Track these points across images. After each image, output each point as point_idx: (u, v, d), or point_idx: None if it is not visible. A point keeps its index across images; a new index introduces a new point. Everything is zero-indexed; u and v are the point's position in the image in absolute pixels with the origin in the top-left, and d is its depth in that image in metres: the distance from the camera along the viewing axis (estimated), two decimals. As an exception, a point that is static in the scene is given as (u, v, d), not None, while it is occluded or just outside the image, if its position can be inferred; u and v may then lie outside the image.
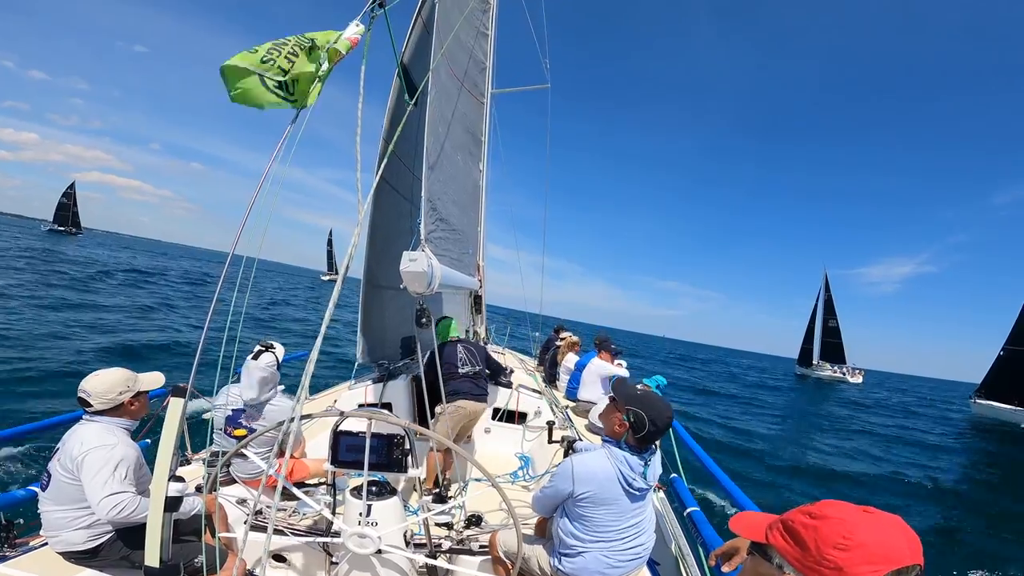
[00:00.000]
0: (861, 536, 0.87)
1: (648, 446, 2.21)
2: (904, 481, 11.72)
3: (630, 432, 2.16)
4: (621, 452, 2.16)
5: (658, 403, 2.18)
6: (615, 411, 2.25)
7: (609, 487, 2.13)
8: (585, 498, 2.12)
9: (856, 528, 0.88)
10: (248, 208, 1.71)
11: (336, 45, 1.66)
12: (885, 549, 0.86)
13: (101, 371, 2.37)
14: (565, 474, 2.17)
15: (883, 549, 0.86)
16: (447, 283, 3.24)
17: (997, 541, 8.27)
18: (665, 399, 2.24)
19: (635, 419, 2.14)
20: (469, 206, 5.41)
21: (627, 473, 2.12)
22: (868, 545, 0.86)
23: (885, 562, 0.84)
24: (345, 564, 2.15)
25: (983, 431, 25.08)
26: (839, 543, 0.87)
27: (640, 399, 2.18)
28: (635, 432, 2.15)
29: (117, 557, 2.26)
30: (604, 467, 2.14)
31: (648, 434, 2.14)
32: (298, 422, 1.73)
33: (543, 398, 5.29)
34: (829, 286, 53.67)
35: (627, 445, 2.18)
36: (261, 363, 3.20)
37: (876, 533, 0.88)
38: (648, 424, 2.12)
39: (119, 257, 47.20)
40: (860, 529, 0.88)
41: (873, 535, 0.87)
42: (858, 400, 33.53)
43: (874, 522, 0.90)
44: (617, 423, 2.21)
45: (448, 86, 4.62)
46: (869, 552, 0.85)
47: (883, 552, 0.85)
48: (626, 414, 2.17)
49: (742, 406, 22.05)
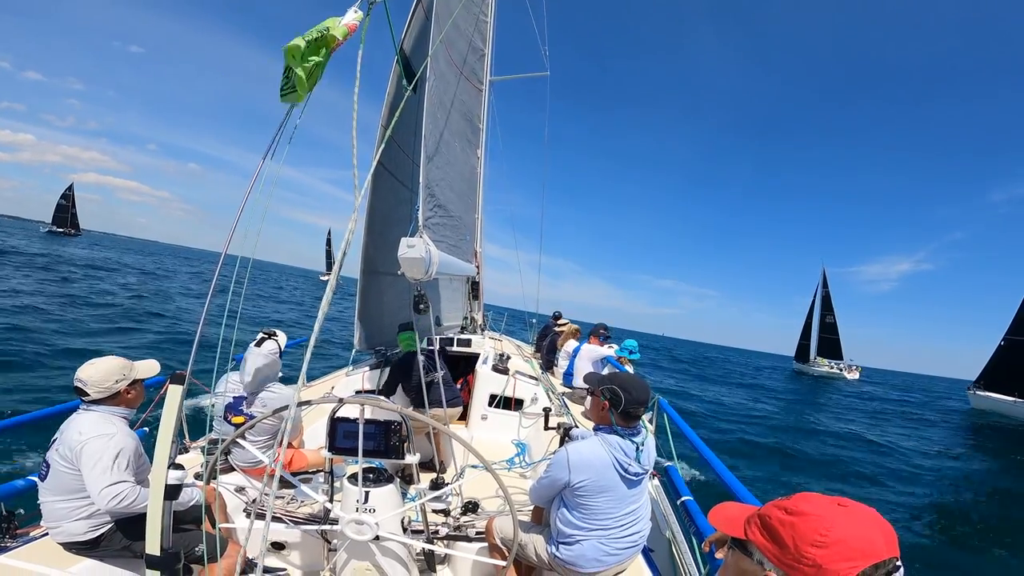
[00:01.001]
0: (838, 532, 0.87)
1: (636, 424, 2.26)
2: (894, 477, 11.67)
3: (613, 412, 2.21)
4: (614, 438, 2.19)
5: (628, 378, 2.28)
6: (596, 399, 2.32)
7: (605, 474, 2.15)
8: (582, 486, 2.14)
9: (833, 524, 0.88)
10: (242, 203, 1.69)
11: (334, 32, 1.63)
12: (862, 544, 0.86)
13: (97, 359, 2.35)
14: (561, 463, 2.18)
15: (860, 543, 0.86)
16: (445, 269, 3.24)
17: (997, 544, 8.19)
18: (632, 374, 2.32)
19: (611, 395, 2.20)
20: (467, 193, 5.40)
21: (621, 459, 2.15)
22: (846, 540, 0.87)
23: (863, 557, 0.85)
24: (343, 551, 2.18)
25: (980, 428, 24.29)
26: (816, 540, 0.88)
27: (608, 378, 2.28)
28: (615, 408, 2.19)
29: (118, 547, 2.26)
30: (599, 454, 2.16)
31: (627, 404, 2.17)
32: (294, 408, 1.73)
33: (540, 385, 5.32)
34: (827, 282, 53.85)
35: (618, 428, 2.22)
36: (264, 350, 3.20)
37: (853, 528, 0.88)
38: (623, 394, 2.17)
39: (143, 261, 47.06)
40: (837, 525, 0.88)
41: (850, 530, 0.88)
42: (853, 395, 33.55)
43: (850, 516, 0.90)
44: (600, 408, 2.27)
45: (447, 73, 4.58)
46: (847, 548, 0.86)
47: (860, 547, 0.86)
48: (602, 395, 2.24)
49: (733, 407, 21.26)
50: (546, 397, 5.13)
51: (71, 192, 79.72)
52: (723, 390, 25.87)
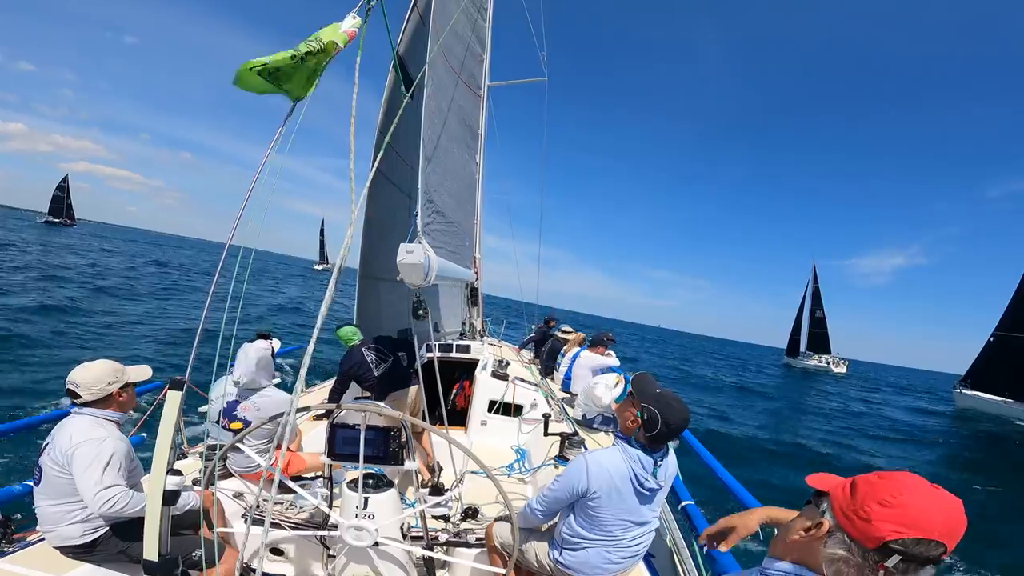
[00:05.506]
0: (906, 499, 0.88)
1: (660, 447, 2.15)
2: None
3: (641, 430, 2.10)
4: (634, 450, 2.11)
5: (675, 404, 2.10)
6: (630, 406, 2.18)
7: (621, 486, 2.09)
8: (596, 496, 2.09)
9: (909, 492, 0.89)
10: (244, 200, 1.70)
11: (333, 38, 1.65)
12: (919, 517, 0.86)
13: (89, 363, 2.36)
14: (579, 472, 2.11)
15: (917, 515, 0.86)
16: (443, 275, 3.24)
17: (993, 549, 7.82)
18: (680, 399, 2.15)
19: (648, 417, 2.06)
20: (466, 199, 5.41)
21: (639, 472, 2.07)
22: (907, 508, 0.87)
23: (913, 528, 0.86)
24: (342, 557, 2.16)
25: (968, 432, 21.59)
26: (883, 499, 0.89)
27: (657, 397, 2.10)
28: (647, 431, 2.08)
29: (115, 551, 2.26)
30: (618, 466, 2.09)
31: (659, 435, 2.07)
32: (293, 414, 1.73)
33: (539, 390, 5.31)
34: (817, 278, 54.77)
35: (638, 443, 2.13)
36: (256, 344, 3.24)
37: (922, 501, 0.88)
38: (661, 425, 2.04)
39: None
40: (911, 494, 0.88)
41: (918, 502, 0.88)
42: (833, 391, 32.51)
43: (928, 494, 0.90)
44: (631, 418, 2.15)
45: (444, 79, 4.60)
46: (904, 514, 0.86)
47: (915, 518, 0.86)
48: (640, 411, 2.10)
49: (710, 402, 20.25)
50: (546, 403, 5.13)
51: (66, 183, 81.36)
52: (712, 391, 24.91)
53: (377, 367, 4.17)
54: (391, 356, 4.27)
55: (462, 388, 5.85)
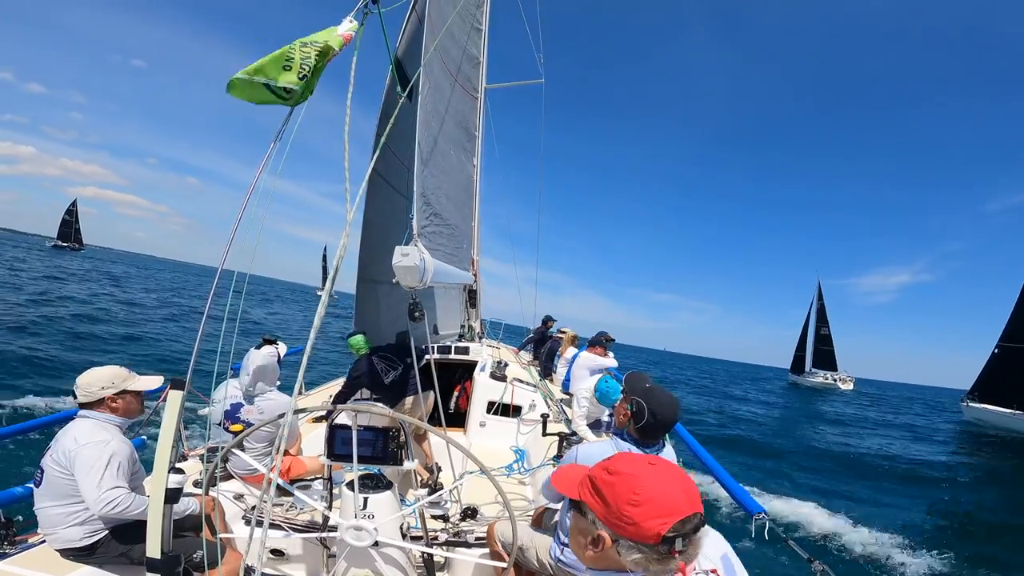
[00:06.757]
0: (648, 491, 0.96)
1: (651, 440, 2.19)
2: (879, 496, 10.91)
3: (631, 422, 2.17)
4: (625, 443, 2.16)
5: (662, 396, 2.17)
6: (623, 402, 2.27)
7: None
8: None
9: (643, 483, 0.97)
10: (240, 212, 1.71)
11: (329, 42, 1.67)
12: (668, 501, 0.96)
13: (98, 367, 2.41)
14: (569, 460, 2.18)
15: (666, 501, 0.96)
16: (441, 278, 3.25)
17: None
18: (671, 394, 2.22)
19: (636, 408, 2.14)
20: (463, 201, 5.41)
21: None
22: (654, 499, 0.95)
23: (670, 514, 0.94)
24: (343, 558, 2.17)
25: (978, 445, 21.31)
26: (631, 499, 0.96)
27: (644, 391, 2.18)
28: (635, 422, 2.15)
29: (115, 554, 2.26)
30: (606, 455, 2.14)
31: (647, 426, 2.12)
32: (290, 415, 1.75)
33: (538, 391, 5.32)
34: (822, 295, 54.53)
35: (630, 436, 2.18)
36: (263, 352, 3.25)
37: (659, 486, 0.97)
38: (648, 415, 2.11)
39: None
40: (647, 484, 0.97)
41: (657, 488, 0.97)
42: (843, 408, 32.47)
43: (657, 475, 1.00)
44: (622, 412, 2.23)
45: (441, 80, 4.62)
46: (657, 506, 0.95)
47: (666, 505, 0.95)
48: (630, 404, 2.18)
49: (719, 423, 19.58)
50: (544, 403, 5.14)
51: (75, 208, 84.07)
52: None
53: (387, 375, 4.18)
54: (400, 364, 4.27)
55: (464, 390, 5.86)
